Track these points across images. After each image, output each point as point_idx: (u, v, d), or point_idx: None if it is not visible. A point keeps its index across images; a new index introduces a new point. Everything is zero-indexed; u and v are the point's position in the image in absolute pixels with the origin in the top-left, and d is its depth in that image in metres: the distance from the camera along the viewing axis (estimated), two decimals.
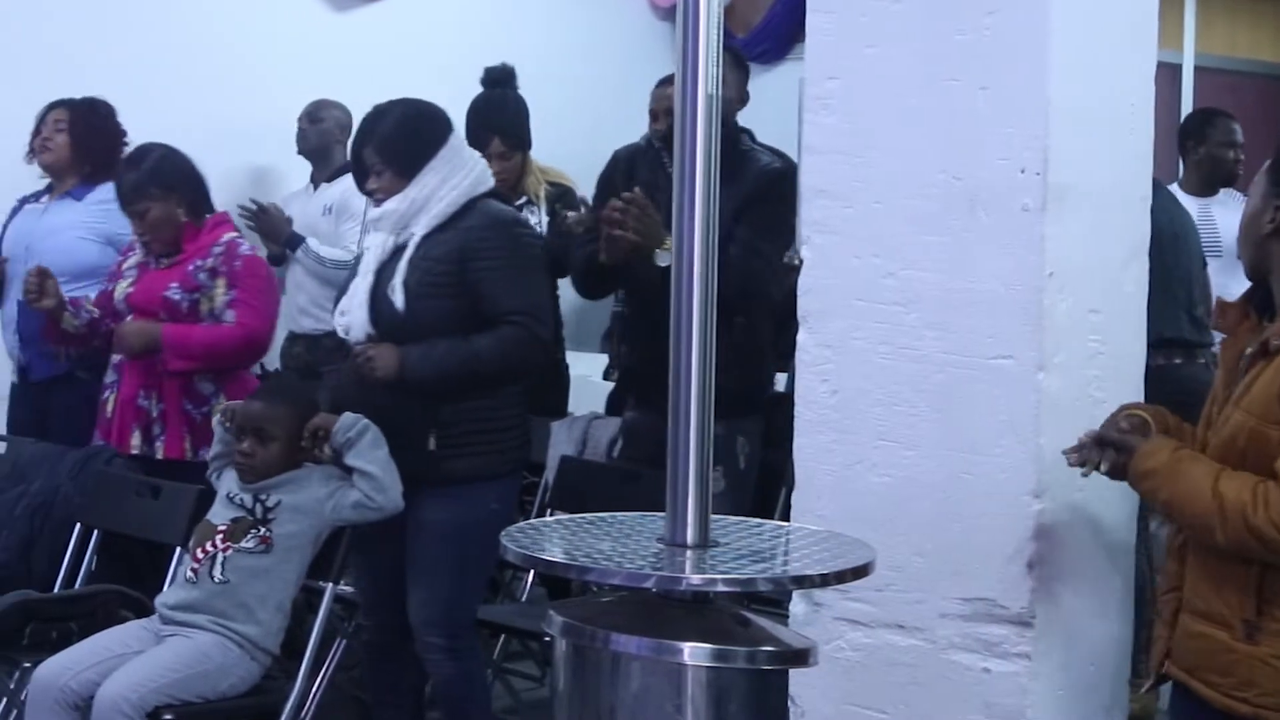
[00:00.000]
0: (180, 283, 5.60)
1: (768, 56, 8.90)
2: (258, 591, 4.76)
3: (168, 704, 4.55)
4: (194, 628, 4.72)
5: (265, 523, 4.82)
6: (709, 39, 2.78)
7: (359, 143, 4.92)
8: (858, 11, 3.67)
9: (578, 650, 2.82)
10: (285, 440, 4.87)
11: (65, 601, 5.15)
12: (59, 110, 6.45)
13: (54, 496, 5.53)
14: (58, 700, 4.59)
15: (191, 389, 5.60)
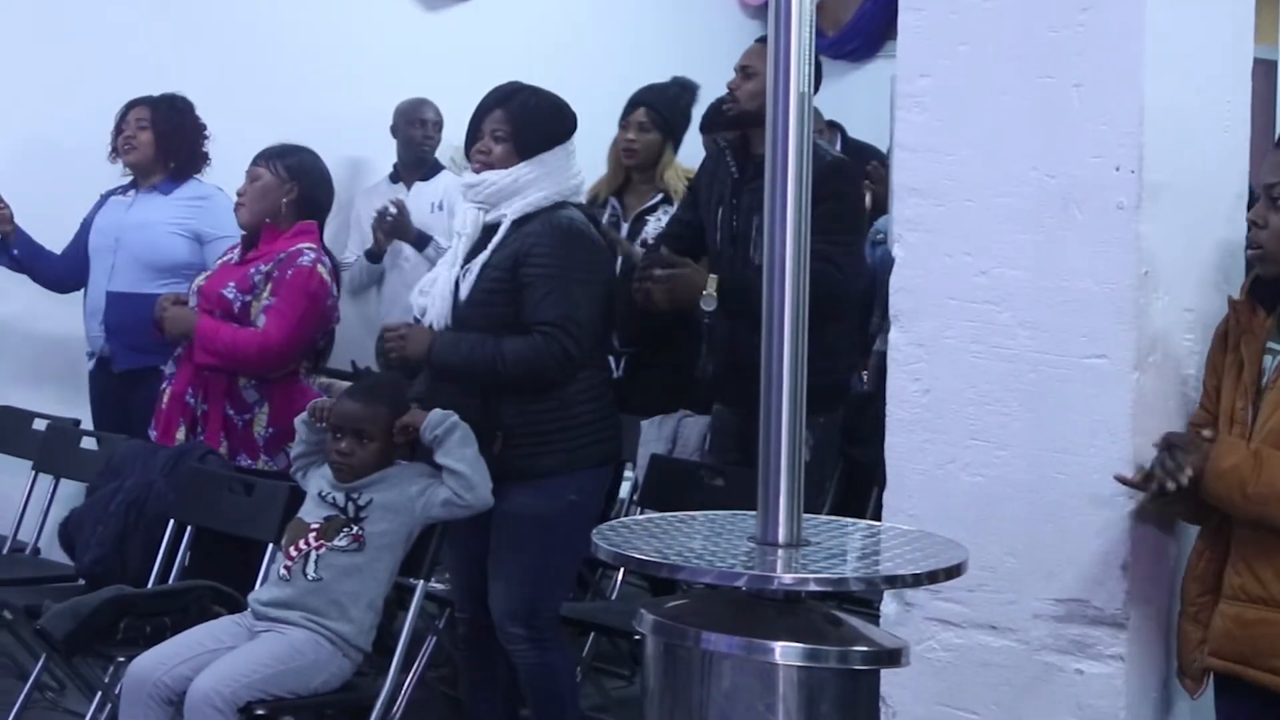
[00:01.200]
0: (237, 282, 5.63)
1: (858, 54, 8.89)
2: (350, 589, 4.78)
3: (260, 699, 4.58)
4: (287, 624, 4.75)
5: (357, 521, 4.84)
6: (801, 38, 2.77)
7: (486, 106, 4.89)
8: (950, 9, 3.66)
9: (669, 649, 2.82)
10: (382, 439, 4.90)
11: (159, 597, 5.18)
12: (140, 109, 6.49)
13: (148, 492, 5.56)
14: (151, 695, 4.62)
15: (235, 394, 5.63)
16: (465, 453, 4.74)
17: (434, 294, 4.81)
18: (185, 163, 6.46)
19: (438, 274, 4.83)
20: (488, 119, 4.86)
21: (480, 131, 4.86)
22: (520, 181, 4.81)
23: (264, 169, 5.68)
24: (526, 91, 4.93)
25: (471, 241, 4.83)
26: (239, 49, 7.66)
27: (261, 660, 4.63)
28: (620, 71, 6.86)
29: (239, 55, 7.64)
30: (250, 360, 5.58)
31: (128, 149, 6.47)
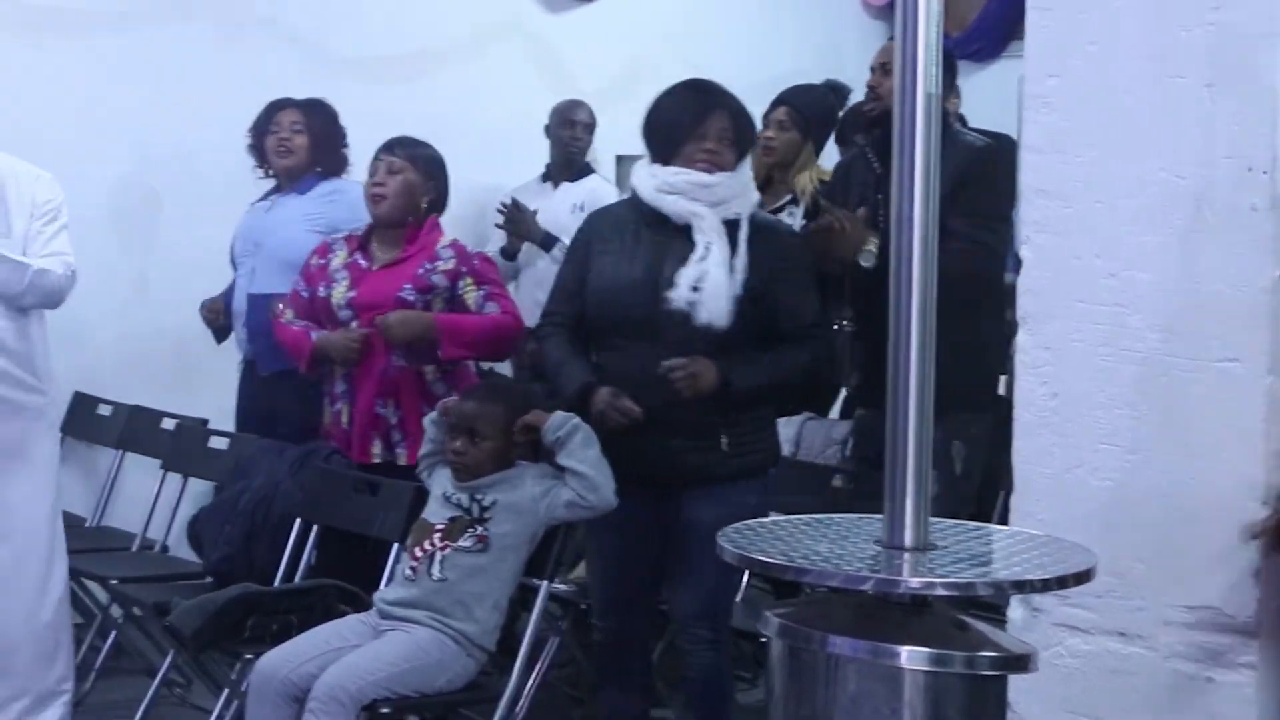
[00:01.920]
0: (413, 284, 5.59)
1: (982, 54, 8.85)
2: (475, 589, 4.80)
3: (385, 697, 4.60)
4: (412, 624, 4.77)
5: (482, 522, 4.86)
6: (929, 38, 2.77)
7: (707, 107, 4.83)
8: (1078, 9, 3.62)
9: (793, 652, 2.81)
10: (498, 439, 4.91)
11: (286, 595, 5.23)
12: (292, 111, 6.53)
13: (274, 492, 5.62)
14: (278, 692, 4.66)
15: (427, 393, 5.58)
16: (588, 454, 4.74)
17: (709, 293, 4.68)
18: (333, 167, 6.51)
19: (707, 271, 4.71)
20: (712, 121, 4.82)
21: (703, 130, 4.83)
22: (743, 184, 4.88)
23: (405, 163, 5.67)
24: (732, 95, 4.91)
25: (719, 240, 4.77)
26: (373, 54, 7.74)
27: (387, 659, 4.66)
28: (744, 69, 6.84)
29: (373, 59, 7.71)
30: (505, 342, 5.68)
31: (283, 151, 6.50)
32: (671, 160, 4.83)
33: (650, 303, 4.74)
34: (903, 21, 2.78)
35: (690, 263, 4.71)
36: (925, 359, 2.75)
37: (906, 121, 2.75)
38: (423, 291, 5.58)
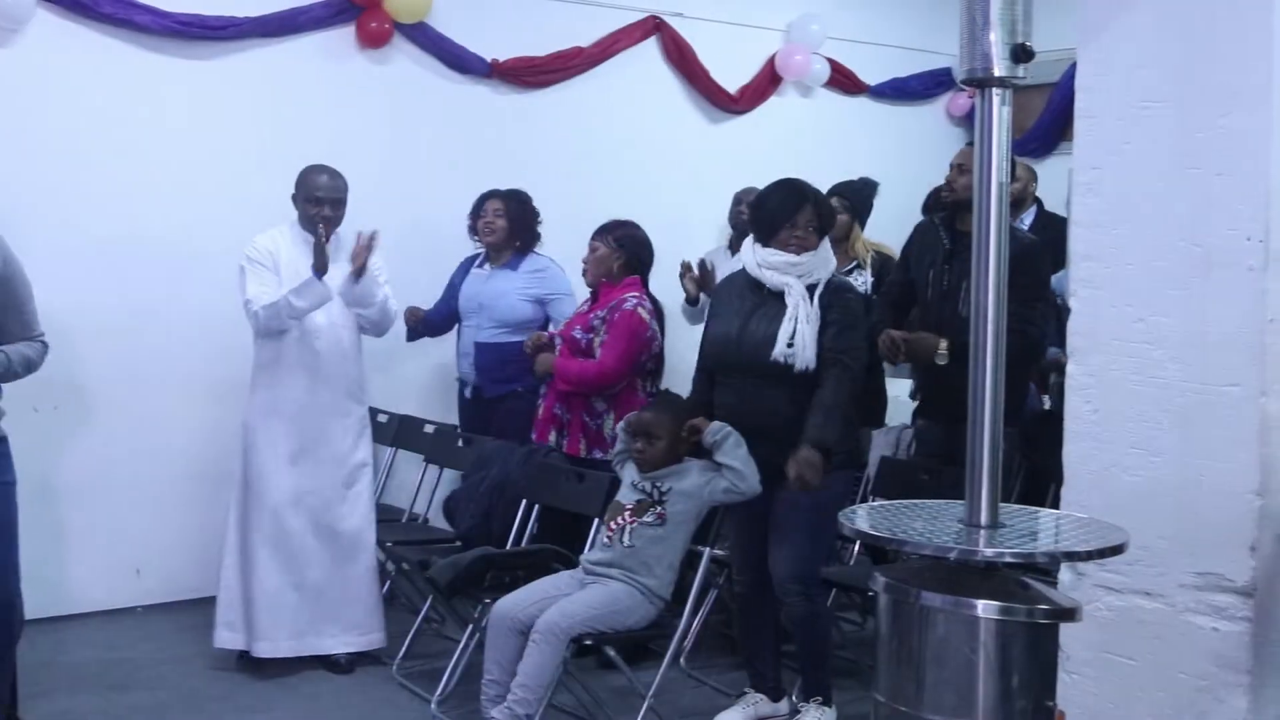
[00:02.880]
0: (582, 325, 5.75)
1: (1037, 152, 8.74)
2: (655, 554, 4.81)
3: (588, 633, 4.64)
4: (608, 579, 4.80)
5: (660, 503, 4.87)
6: (1001, 141, 2.76)
7: (797, 203, 4.85)
8: (1115, 115, 3.57)
9: (895, 604, 2.82)
10: (668, 439, 4.92)
11: (515, 555, 5.27)
12: (495, 201, 6.56)
13: (507, 479, 5.66)
14: (509, 627, 4.72)
15: (590, 405, 5.74)
16: (739, 452, 4.75)
17: (800, 346, 4.71)
18: (528, 242, 6.57)
19: (797, 329, 4.72)
20: (802, 213, 4.83)
21: (795, 220, 4.82)
22: (822, 259, 4.86)
23: (600, 242, 5.80)
24: (817, 191, 4.95)
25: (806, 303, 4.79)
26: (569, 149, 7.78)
27: (589, 604, 4.69)
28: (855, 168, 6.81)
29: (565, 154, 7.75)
30: (592, 384, 5.69)
31: (488, 233, 6.53)
32: (770, 242, 4.87)
33: (746, 350, 4.81)
34: (981, 127, 2.77)
35: (784, 323, 4.74)
36: (997, 385, 2.77)
37: (985, 203, 2.77)
38: (587, 331, 5.75)
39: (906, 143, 8.99)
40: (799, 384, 4.72)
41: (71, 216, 6.18)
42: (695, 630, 5.54)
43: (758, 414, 4.78)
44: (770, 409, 4.75)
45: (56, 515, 6.29)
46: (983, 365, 2.78)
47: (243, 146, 6.54)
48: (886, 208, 6.90)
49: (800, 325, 4.72)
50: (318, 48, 7.01)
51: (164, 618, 6.46)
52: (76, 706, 5.29)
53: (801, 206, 4.84)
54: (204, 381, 6.52)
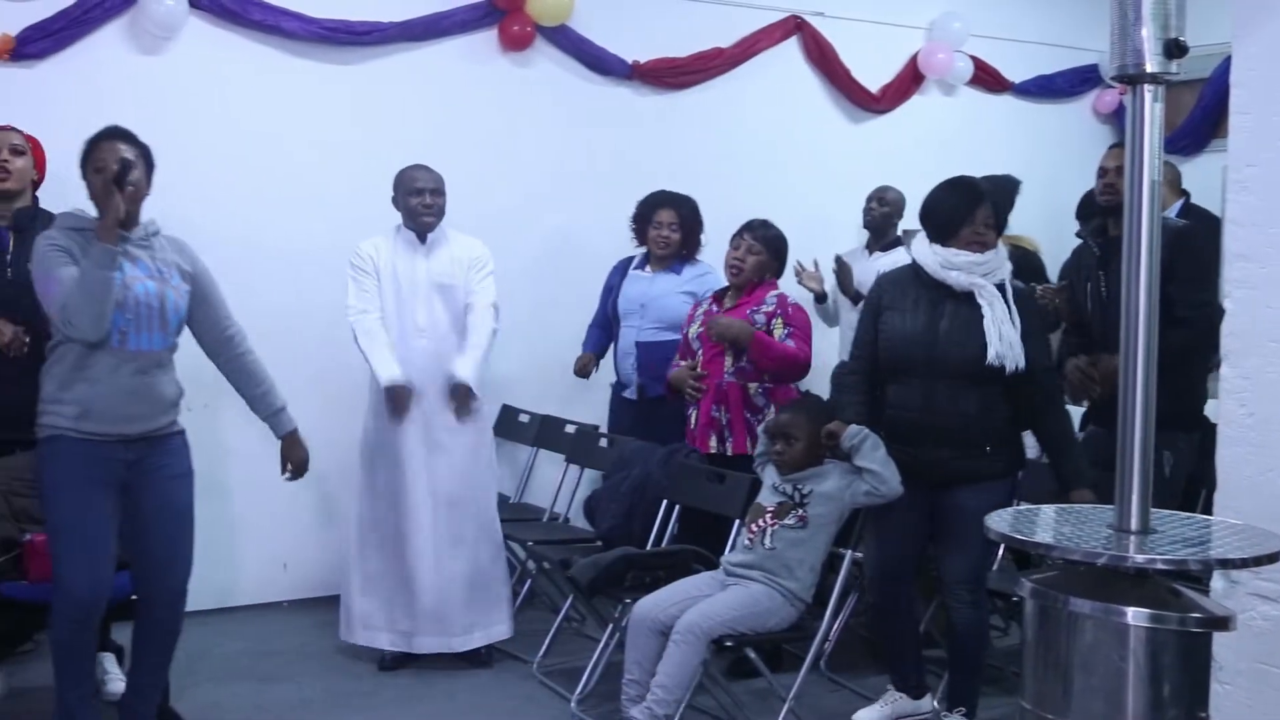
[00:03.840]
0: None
1: (1188, 150, 8.55)
2: (796, 556, 4.80)
3: (728, 634, 4.64)
4: (749, 580, 4.79)
5: (801, 505, 4.86)
6: (1152, 137, 2.72)
7: (975, 200, 4.79)
8: (1272, 111, 3.50)
9: (1043, 610, 2.79)
10: (806, 441, 4.91)
11: (656, 556, 5.27)
12: (669, 210, 6.50)
13: (648, 480, 5.68)
14: (650, 627, 4.74)
15: (749, 400, 5.64)
16: (877, 455, 4.71)
17: (1009, 344, 4.65)
18: (693, 250, 6.56)
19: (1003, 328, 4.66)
20: (980, 211, 4.77)
21: (973, 218, 4.77)
22: (1001, 258, 4.81)
23: (754, 243, 5.72)
24: (988, 188, 4.89)
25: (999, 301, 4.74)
26: (710, 150, 7.78)
27: (730, 605, 4.69)
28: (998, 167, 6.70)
29: (711, 155, 7.76)
30: (794, 369, 5.63)
31: (662, 245, 6.48)
32: (949, 241, 4.79)
33: (940, 351, 4.71)
34: (1132, 125, 2.72)
35: (988, 326, 4.67)
36: (1148, 387, 2.72)
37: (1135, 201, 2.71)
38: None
39: (1051, 141, 8.86)
40: (995, 387, 4.68)
41: (218, 221, 6.31)
42: (836, 633, 5.52)
43: (944, 415, 4.71)
44: (959, 411, 4.69)
45: (207, 511, 6.37)
46: (1133, 366, 2.74)
47: (386, 150, 6.63)
48: (1030, 206, 6.78)
49: (1003, 326, 4.67)
50: (460, 51, 7.09)
51: (308, 613, 6.59)
52: (226, 698, 5.41)
53: (979, 205, 4.78)
54: (337, 379, 6.60)
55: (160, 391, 4.48)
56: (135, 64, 6.35)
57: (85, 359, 4.38)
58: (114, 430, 4.39)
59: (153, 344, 4.43)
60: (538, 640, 5.84)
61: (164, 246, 4.55)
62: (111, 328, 4.34)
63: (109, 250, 4.27)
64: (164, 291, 4.45)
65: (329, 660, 5.89)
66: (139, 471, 4.47)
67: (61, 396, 4.40)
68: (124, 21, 6.31)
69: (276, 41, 6.62)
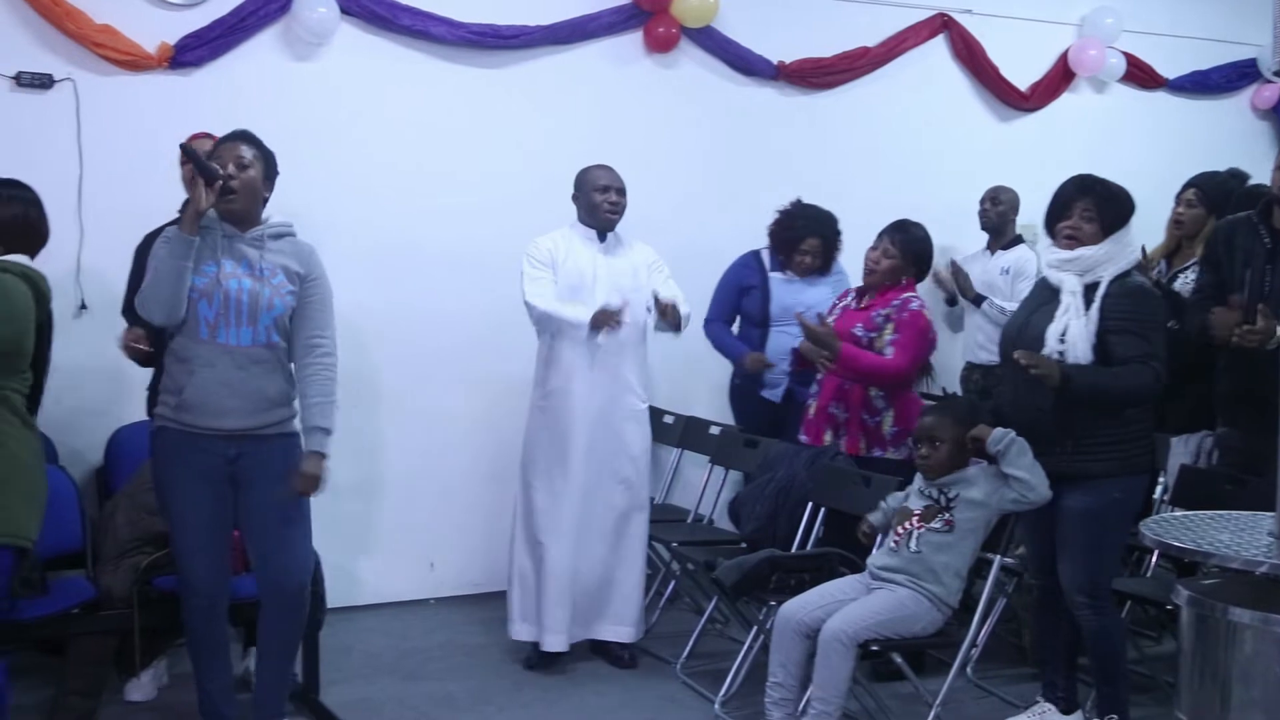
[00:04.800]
0: (864, 324, 5.63)
1: None
2: (943, 560, 4.76)
3: (874, 638, 4.62)
4: (895, 584, 4.76)
5: (948, 510, 4.82)
6: None
7: (1071, 194, 4.76)
8: None
9: (1199, 619, 2.74)
10: (951, 444, 4.86)
11: (801, 558, 5.25)
12: (815, 240, 6.47)
13: (792, 482, 5.66)
14: (795, 630, 4.73)
15: (868, 402, 5.62)
16: (1023, 460, 4.66)
17: (1071, 341, 4.63)
18: (830, 257, 6.56)
19: (1068, 325, 4.65)
20: (1076, 204, 4.73)
21: (1069, 213, 4.74)
22: (1108, 255, 4.71)
23: (892, 248, 5.67)
24: (1102, 183, 4.79)
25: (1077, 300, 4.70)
26: (856, 150, 7.75)
27: (876, 610, 4.66)
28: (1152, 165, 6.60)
29: (857, 155, 7.72)
30: (885, 380, 5.58)
31: (805, 269, 6.51)
32: (1053, 238, 4.83)
33: (1021, 345, 4.71)
34: None
35: (1056, 319, 4.67)
36: None
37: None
38: (869, 330, 5.63)
39: (1208, 138, 8.65)
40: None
41: (368, 221, 6.44)
42: (983, 639, 5.46)
43: (1026, 410, 4.71)
44: (1035, 405, 4.66)
45: (354, 510, 6.56)
46: None
47: (532, 152, 6.71)
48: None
49: (1072, 322, 4.64)
50: (606, 54, 7.15)
51: (454, 610, 6.68)
52: (373, 694, 5.51)
53: (1075, 200, 4.74)
54: (488, 380, 6.70)
55: (258, 388, 4.54)
56: (288, 70, 6.49)
57: (185, 352, 4.50)
58: (209, 424, 4.48)
59: (242, 339, 4.51)
60: (681, 641, 5.86)
61: (280, 249, 4.61)
62: (200, 320, 4.45)
63: (185, 239, 4.38)
64: (259, 290, 4.52)
65: (474, 657, 5.97)
66: (243, 468, 4.55)
67: (166, 387, 4.55)
68: (277, 29, 6.46)
69: (425, 46, 6.73)
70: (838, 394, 5.69)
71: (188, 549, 4.54)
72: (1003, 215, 7.44)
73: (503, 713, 5.34)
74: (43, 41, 6.03)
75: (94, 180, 5.99)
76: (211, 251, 4.49)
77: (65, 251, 5.83)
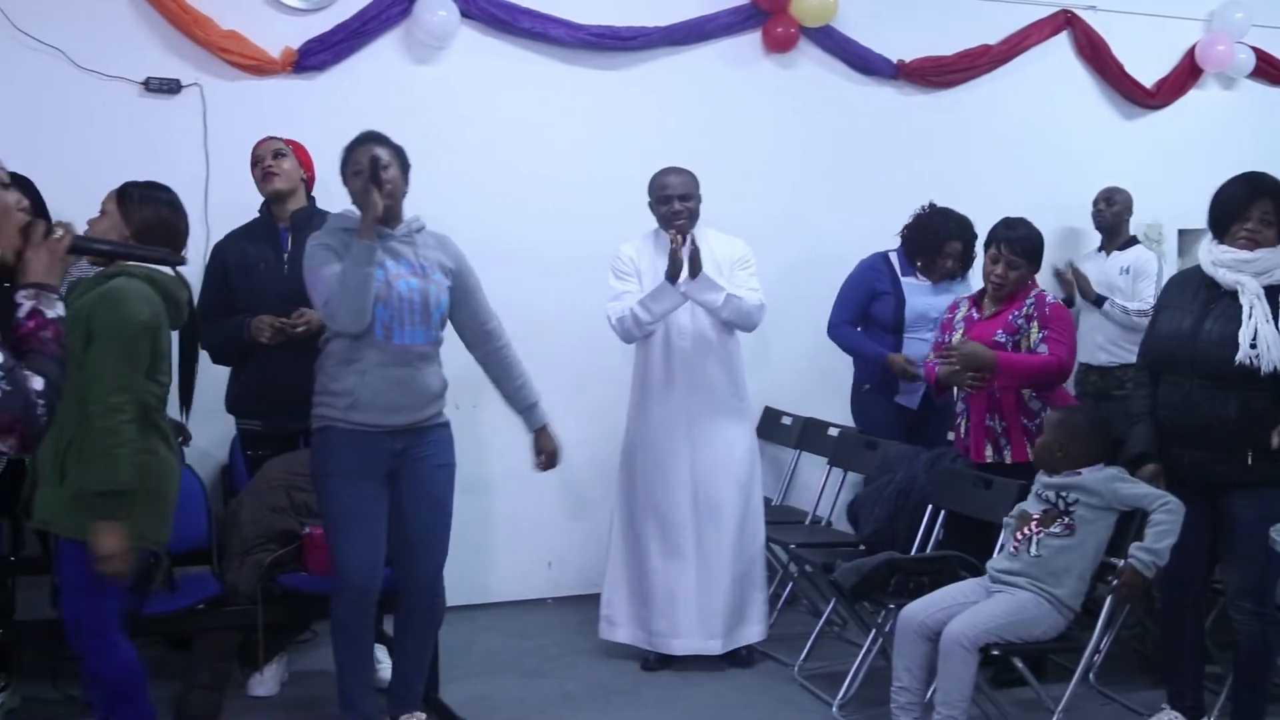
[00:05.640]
0: (1004, 329, 5.48)
1: None
2: (1063, 564, 4.70)
3: (995, 642, 4.57)
4: (1016, 587, 4.71)
5: (1067, 513, 4.75)
6: None
7: (1249, 196, 4.63)
8: None
9: None
10: (1075, 447, 4.83)
11: (921, 561, 5.21)
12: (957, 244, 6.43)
13: (912, 484, 5.61)
14: (916, 632, 4.71)
15: (1024, 406, 5.46)
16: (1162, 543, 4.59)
17: (1264, 345, 4.50)
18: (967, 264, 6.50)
19: (1257, 329, 4.52)
20: (1255, 205, 4.62)
21: (1246, 215, 4.62)
22: None
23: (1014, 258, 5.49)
24: (1277, 183, 4.68)
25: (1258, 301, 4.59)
26: (977, 149, 7.67)
27: (997, 613, 4.62)
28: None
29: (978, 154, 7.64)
30: (1049, 377, 5.44)
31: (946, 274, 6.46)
32: (1223, 239, 4.69)
33: (1200, 349, 4.61)
34: None
35: (1244, 324, 4.54)
36: None
37: None
38: (1011, 334, 5.48)
39: None
40: (1261, 390, 4.52)
41: (485, 222, 6.45)
42: (1107, 645, 5.37)
43: (1202, 416, 4.60)
44: (1216, 413, 4.57)
45: (476, 509, 6.61)
46: None
47: (651, 154, 6.70)
48: None
49: (1260, 325, 4.53)
50: (723, 54, 7.14)
51: (572, 610, 6.70)
52: (492, 691, 5.55)
53: (1254, 200, 4.63)
54: (601, 380, 6.70)
55: (425, 384, 4.65)
56: (409, 74, 6.57)
57: (353, 352, 4.57)
58: (380, 421, 4.58)
59: (415, 338, 4.60)
60: (799, 643, 5.83)
61: (427, 243, 4.72)
62: (375, 322, 4.53)
63: (368, 248, 4.46)
64: (426, 287, 4.61)
65: (592, 657, 5.99)
66: (404, 460, 4.65)
67: (332, 388, 4.61)
68: (398, 33, 6.54)
69: (544, 49, 6.77)
70: (990, 406, 5.51)
71: (346, 541, 4.61)
72: (1118, 215, 7.39)
73: (620, 712, 5.35)
74: (171, 48, 6.17)
75: (219, 182, 6.10)
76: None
77: (192, 252, 5.79)
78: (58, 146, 5.81)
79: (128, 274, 4.15)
